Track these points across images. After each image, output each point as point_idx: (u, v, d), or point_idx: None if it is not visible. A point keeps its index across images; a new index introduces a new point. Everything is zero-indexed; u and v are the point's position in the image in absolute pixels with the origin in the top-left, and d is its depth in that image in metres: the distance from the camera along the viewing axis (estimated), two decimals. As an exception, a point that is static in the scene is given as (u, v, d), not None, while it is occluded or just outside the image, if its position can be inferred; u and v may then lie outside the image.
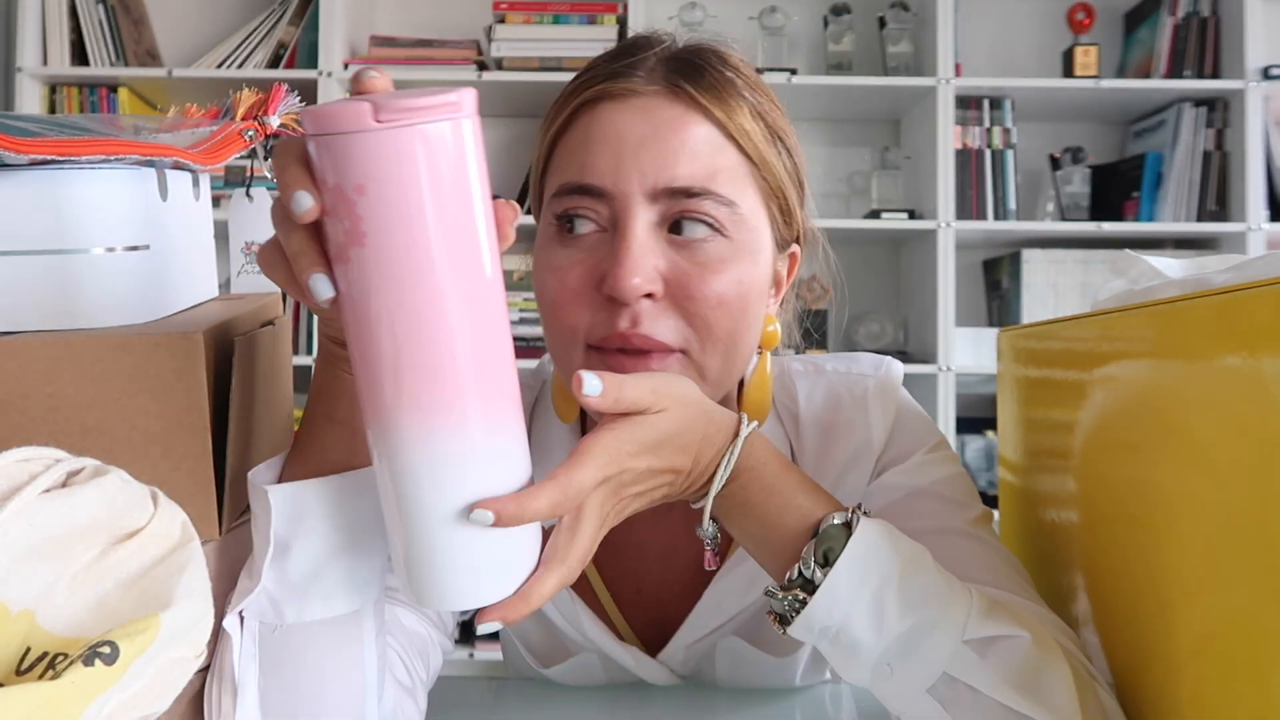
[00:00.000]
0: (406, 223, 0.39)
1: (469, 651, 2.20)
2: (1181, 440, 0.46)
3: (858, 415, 0.69)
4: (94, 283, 0.50)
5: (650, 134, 0.58)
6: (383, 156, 0.38)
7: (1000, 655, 0.49)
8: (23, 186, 0.48)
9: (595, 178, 0.58)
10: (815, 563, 0.50)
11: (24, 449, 0.38)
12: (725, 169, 0.59)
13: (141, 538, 0.40)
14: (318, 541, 0.50)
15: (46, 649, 0.35)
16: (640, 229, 0.57)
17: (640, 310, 0.57)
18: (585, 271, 0.58)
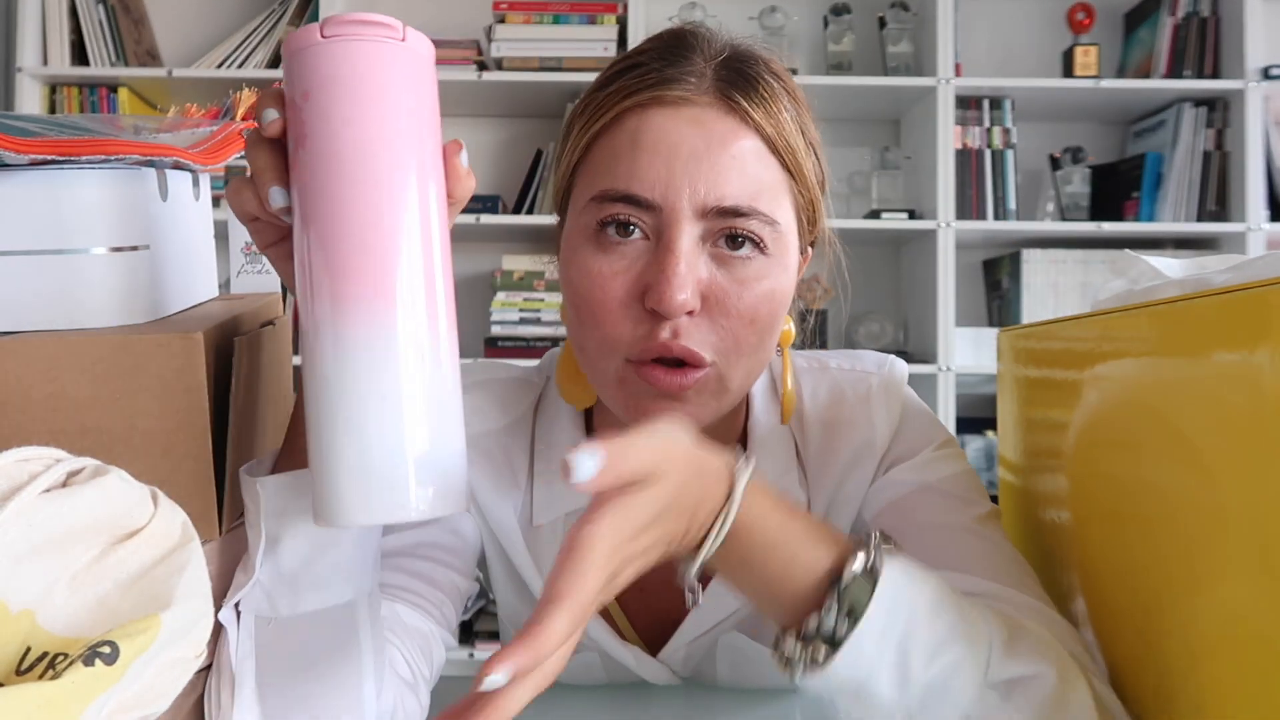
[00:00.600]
0: (339, 125, 0.43)
1: (469, 651, 2.19)
2: (1182, 440, 0.46)
3: (861, 413, 0.69)
4: (94, 283, 0.50)
5: (703, 148, 0.57)
6: (319, 64, 0.43)
7: (1024, 697, 0.48)
8: (23, 186, 0.48)
9: (645, 189, 0.57)
10: (840, 615, 0.46)
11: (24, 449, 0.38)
12: (769, 185, 0.59)
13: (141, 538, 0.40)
14: (307, 533, 0.50)
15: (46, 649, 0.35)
16: (687, 244, 0.57)
17: (680, 324, 0.57)
18: (628, 282, 0.58)
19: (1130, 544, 0.53)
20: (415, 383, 0.43)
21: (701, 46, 0.62)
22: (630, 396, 0.60)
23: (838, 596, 0.46)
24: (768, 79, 0.61)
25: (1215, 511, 0.43)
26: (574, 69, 2.18)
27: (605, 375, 0.60)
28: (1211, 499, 0.44)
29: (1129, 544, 0.53)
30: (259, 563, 0.50)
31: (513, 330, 2.21)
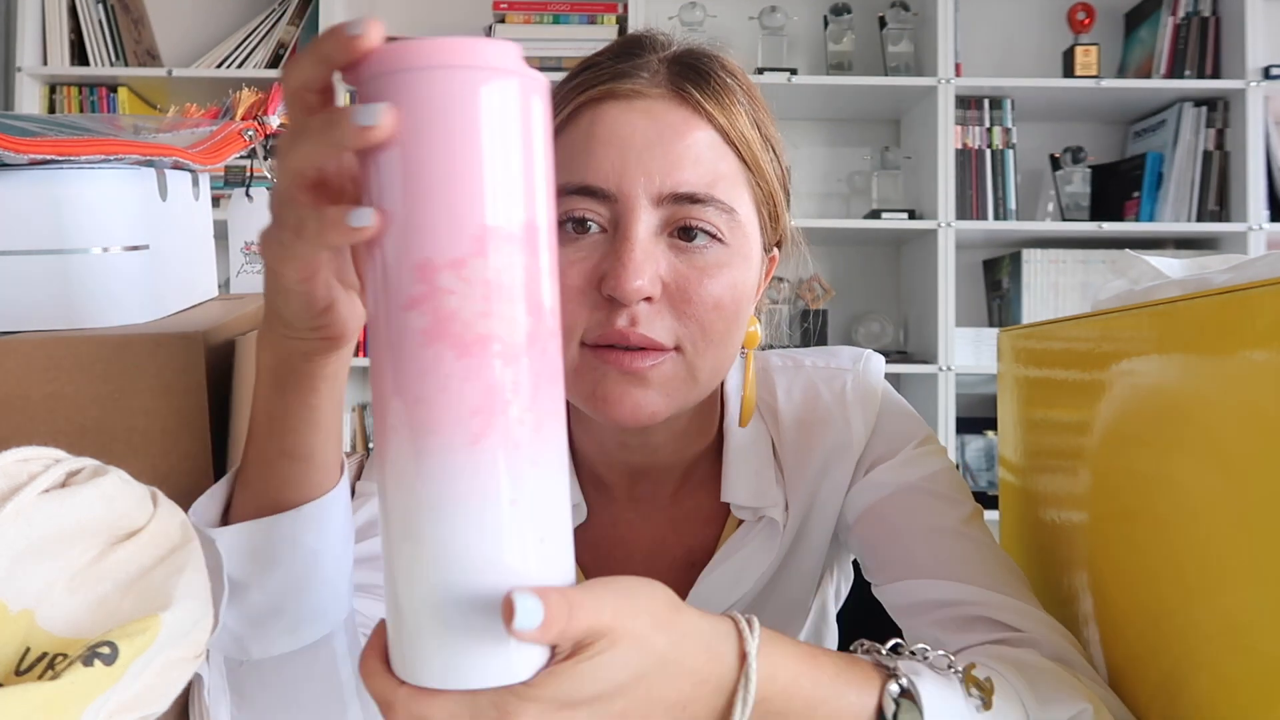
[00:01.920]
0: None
1: (469, 651, 2.19)
2: (1183, 440, 0.46)
3: (836, 411, 0.69)
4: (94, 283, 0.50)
5: (656, 137, 0.58)
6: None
7: None
8: (23, 186, 0.48)
9: (600, 179, 0.57)
10: None
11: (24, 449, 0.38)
12: (726, 175, 0.59)
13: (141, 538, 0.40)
14: (279, 577, 0.47)
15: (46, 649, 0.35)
16: (643, 232, 0.57)
17: (638, 311, 0.57)
18: (586, 271, 0.58)
19: (1133, 542, 0.52)
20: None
21: (655, 45, 0.63)
22: (591, 383, 0.59)
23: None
24: (721, 74, 0.61)
25: (1217, 510, 0.43)
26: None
27: (566, 362, 0.58)
28: (1214, 498, 0.44)
29: (1131, 543, 0.53)
30: (223, 610, 0.45)
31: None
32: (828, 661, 0.46)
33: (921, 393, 2.22)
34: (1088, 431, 0.57)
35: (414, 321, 0.34)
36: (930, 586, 0.60)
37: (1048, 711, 0.48)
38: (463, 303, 0.34)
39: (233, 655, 0.48)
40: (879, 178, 2.33)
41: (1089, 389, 0.57)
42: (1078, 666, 0.53)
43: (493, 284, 0.34)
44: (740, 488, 0.68)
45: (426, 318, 0.34)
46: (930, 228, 2.17)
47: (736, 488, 0.68)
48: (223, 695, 0.49)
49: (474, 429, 0.34)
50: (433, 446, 0.34)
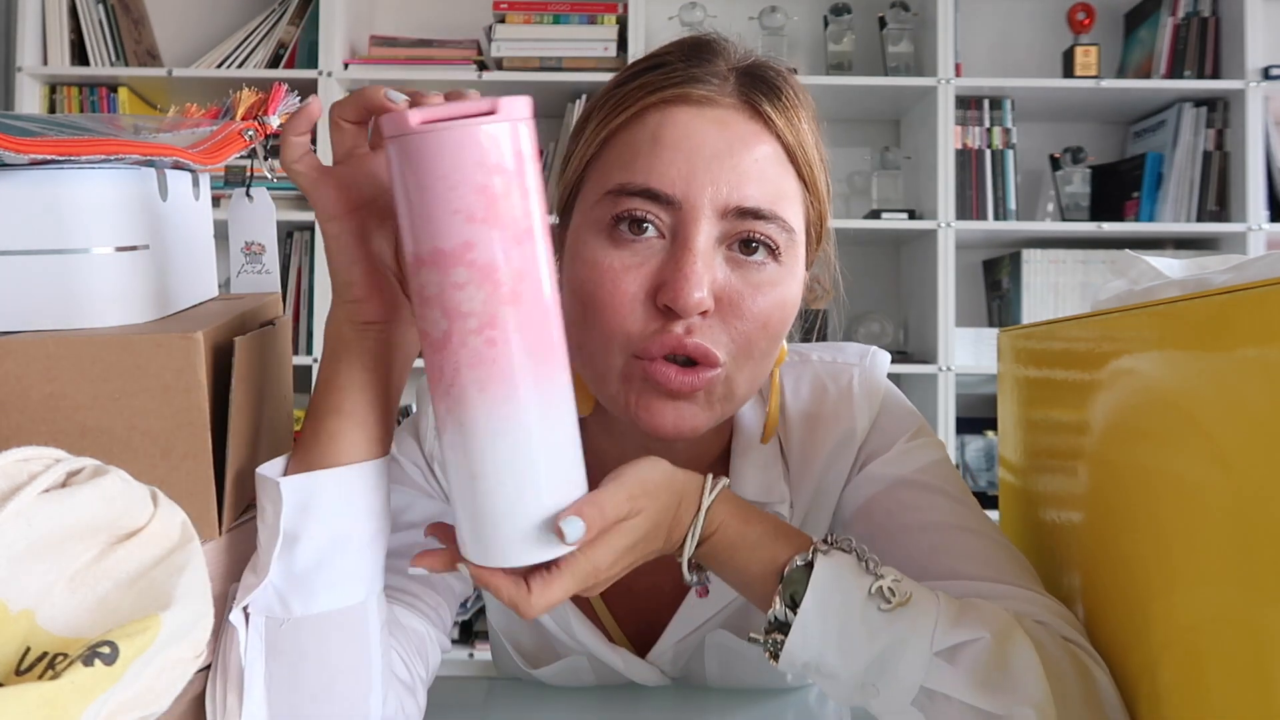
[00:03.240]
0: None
1: (468, 652, 2.20)
2: (1183, 440, 0.46)
3: (843, 407, 0.69)
4: (94, 283, 0.50)
5: (725, 148, 0.57)
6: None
7: (967, 660, 0.51)
8: (23, 186, 0.48)
9: (666, 184, 0.57)
10: (784, 605, 0.53)
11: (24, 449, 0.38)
12: (787, 193, 0.60)
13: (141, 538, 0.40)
14: (325, 532, 0.51)
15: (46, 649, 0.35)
16: (704, 243, 0.57)
17: (693, 323, 0.57)
18: (641, 278, 0.57)
19: (1133, 543, 0.53)
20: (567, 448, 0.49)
21: (725, 52, 0.62)
22: (635, 394, 0.59)
23: (780, 587, 0.53)
24: (790, 89, 0.61)
25: (1218, 510, 0.43)
26: (574, 69, 2.18)
27: (608, 372, 0.60)
28: (1215, 498, 0.44)
29: (1132, 543, 0.53)
30: (272, 562, 0.50)
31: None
32: (762, 522, 0.56)
33: (921, 393, 2.22)
34: (1087, 431, 0.57)
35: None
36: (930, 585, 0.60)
37: (954, 630, 0.51)
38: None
39: (275, 614, 0.52)
40: (879, 178, 2.33)
41: (1089, 389, 0.57)
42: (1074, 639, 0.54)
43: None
44: (749, 483, 0.68)
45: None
46: (930, 228, 2.17)
47: (745, 483, 0.68)
48: (259, 658, 0.52)
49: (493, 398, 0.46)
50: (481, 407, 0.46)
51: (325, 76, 2.17)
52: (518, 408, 0.45)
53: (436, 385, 0.46)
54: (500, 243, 0.44)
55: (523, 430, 0.46)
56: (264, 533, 0.51)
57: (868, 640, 0.51)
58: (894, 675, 0.51)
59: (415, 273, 0.46)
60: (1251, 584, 0.41)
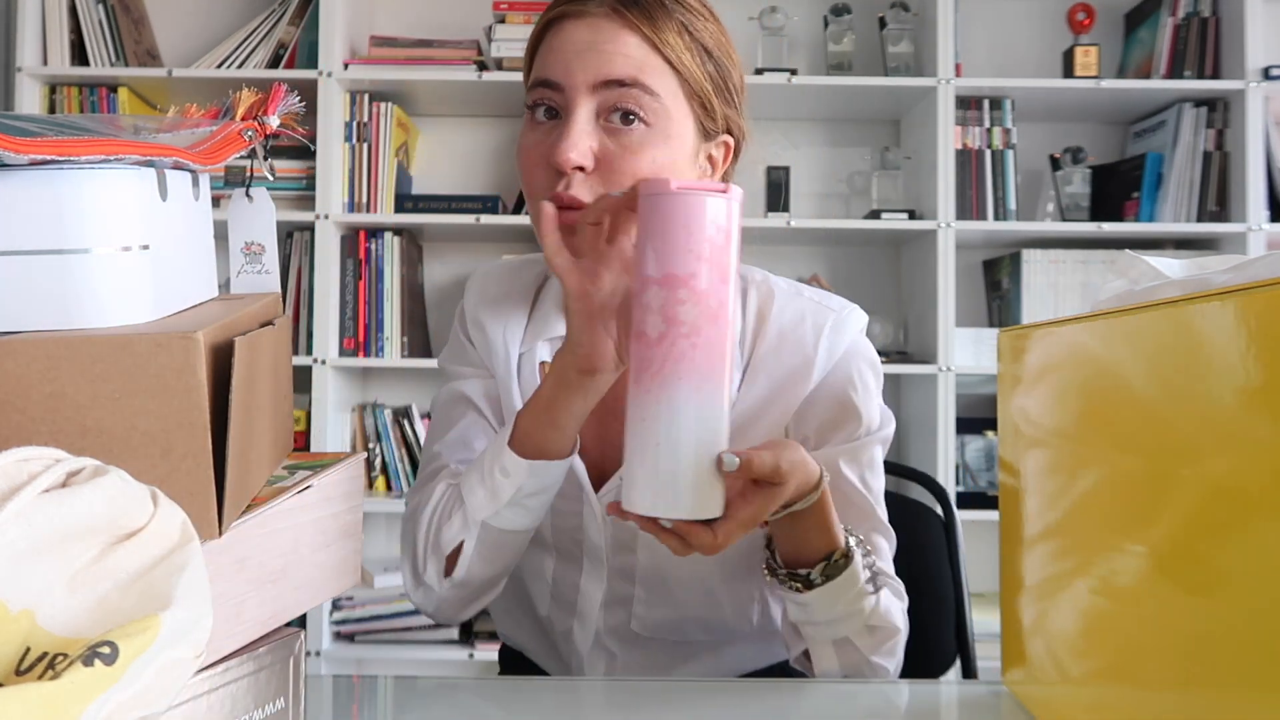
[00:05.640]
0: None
1: (468, 652, 2.20)
2: (1183, 440, 0.46)
3: (811, 337, 0.86)
4: (94, 283, 0.50)
5: (594, 40, 0.76)
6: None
7: (878, 637, 0.80)
8: (23, 186, 0.48)
9: (552, 74, 0.77)
10: (820, 575, 0.77)
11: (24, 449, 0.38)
12: (651, 69, 0.76)
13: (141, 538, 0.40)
14: (538, 488, 0.78)
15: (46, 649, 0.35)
16: (581, 115, 0.76)
17: (573, 178, 0.75)
18: (544, 149, 0.77)
19: (1133, 542, 0.53)
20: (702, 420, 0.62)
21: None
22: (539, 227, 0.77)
23: (824, 567, 0.77)
24: (657, 3, 0.78)
25: (1219, 510, 0.43)
26: (574, 69, 2.18)
27: (535, 213, 0.77)
28: (1215, 498, 0.44)
29: (1131, 542, 0.53)
30: (505, 500, 0.78)
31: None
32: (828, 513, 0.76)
33: (921, 393, 2.22)
34: (1087, 432, 0.57)
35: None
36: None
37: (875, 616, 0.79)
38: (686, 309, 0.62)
39: (491, 524, 0.80)
40: (879, 178, 2.33)
41: (1089, 389, 0.57)
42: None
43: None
44: None
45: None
46: (930, 228, 2.18)
47: None
48: (472, 546, 0.81)
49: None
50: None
51: (325, 77, 2.17)
52: (707, 392, 0.62)
53: (644, 373, 0.62)
54: (710, 278, 0.61)
55: (710, 407, 0.62)
56: (502, 481, 0.78)
57: (846, 607, 0.77)
58: (840, 628, 0.78)
59: (644, 289, 0.62)
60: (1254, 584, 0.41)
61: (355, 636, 2.24)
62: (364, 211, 2.22)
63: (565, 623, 0.92)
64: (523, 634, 0.99)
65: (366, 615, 2.22)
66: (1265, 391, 0.39)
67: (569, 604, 0.91)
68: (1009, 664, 0.73)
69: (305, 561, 0.58)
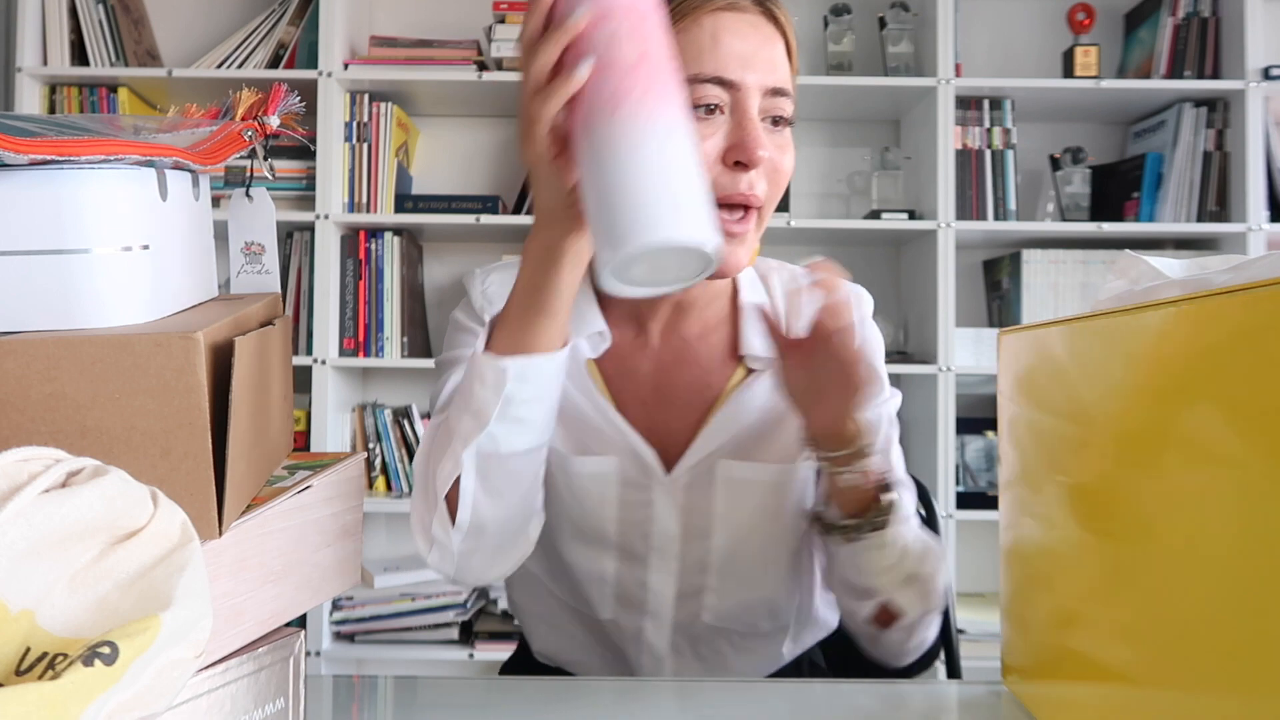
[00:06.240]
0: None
1: (468, 652, 2.19)
2: (1183, 440, 0.46)
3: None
4: (94, 283, 0.50)
5: (762, 43, 0.79)
6: None
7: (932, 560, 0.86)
8: (23, 187, 0.48)
9: (730, 72, 0.77)
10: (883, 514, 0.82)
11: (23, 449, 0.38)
12: (789, 77, 0.81)
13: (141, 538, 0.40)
14: (533, 393, 0.72)
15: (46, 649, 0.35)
16: (755, 114, 0.78)
17: (754, 177, 0.78)
18: (717, 144, 0.77)
19: (1133, 542, 0.52)
20: (691, 141, 0.60)
21: None
22: None
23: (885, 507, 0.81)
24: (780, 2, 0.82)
25: (1219, 510, 0.43)
26: (574, 69, 2.18)
27: None
28: (1215, 498, 0.44)
29: (1131, 542, 0.53)
30: (494, 418, 0.71)
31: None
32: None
33: (921, 393, 2.22)
34: (1087, 432, 0.57)
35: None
36: None
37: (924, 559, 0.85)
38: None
39: (486, 449, 0.74)
40: (879, 178, 2.33)
41: (1089, 389, 0.57)
42: None
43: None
44: (755, 341, 0.89)
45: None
46: (930, 228, 2.17)
47: (752, 341, 0.89)
48: (471, 479, 0.75)
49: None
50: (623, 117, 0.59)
51: (325, 77, 2.17)
52: (686, 111, 0.61)
53: (626, 101, 0.59)
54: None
55: (689, 126, 0.60)
56: (483, 393, 0.71)
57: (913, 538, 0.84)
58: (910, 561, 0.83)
59: (609, 18, 0.60)
60: (1253, 586, 0.41)
61: (355, 636, 2.24)
62: (364, 211, 2.22)
63: (635, 623, 0.91)
64: (575, 647, 0.96)
65: (366, 615, 2.22)
66: (1265, 391, 0.39)
67: (637, 603, 0.90)
68: (1009, 664, 0.73)
69: (305, 561, 0.58)
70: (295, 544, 0.57)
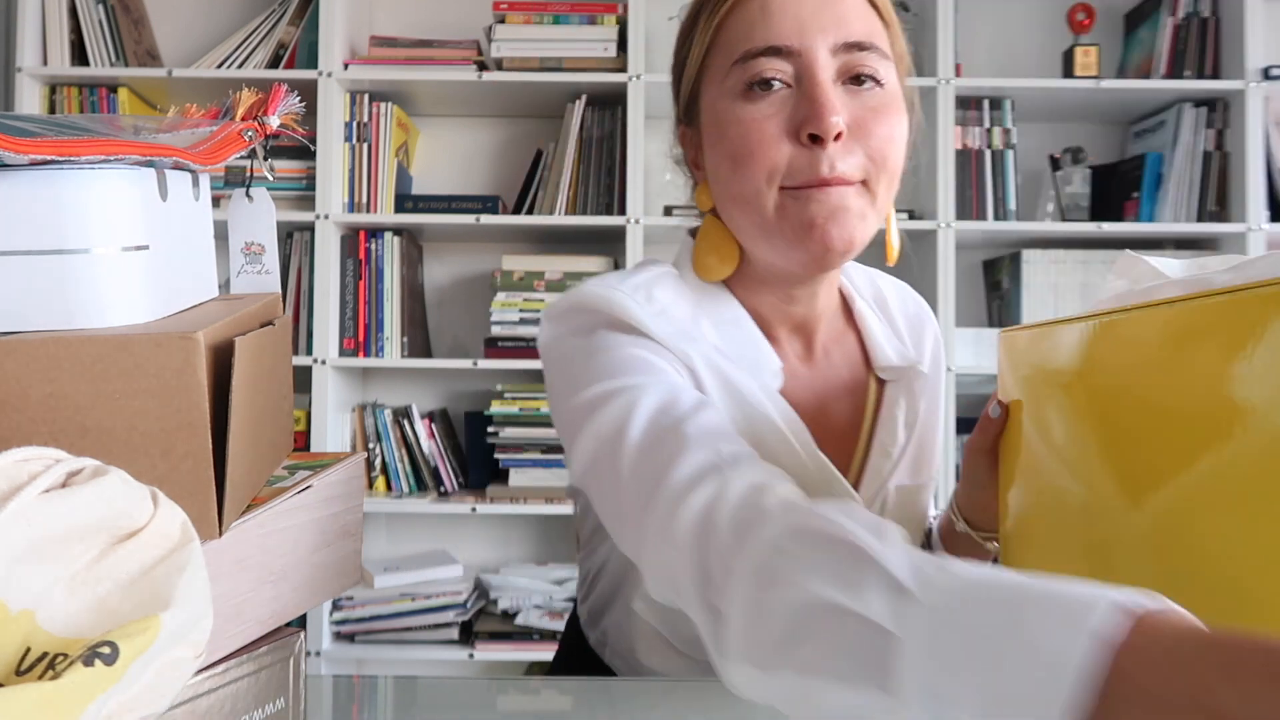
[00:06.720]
0: None
1: (469, 652, 2.19)
2: (1183, 440, 0.46)
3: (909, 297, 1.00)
4: (94, 283, 0.50)
5: (822, 1, 0.69)
6: None
7: None
8: (22, 186, 0.48)
9: (785, 39, 0.68)
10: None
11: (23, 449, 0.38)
12: (876, 30, 0.71)
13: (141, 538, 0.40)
14: None
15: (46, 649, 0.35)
16: (826, 79, 0.68)
17: (834, 153, 0.68)
18: (781, 122, 0.69)
19: (1132, 542, 0.53)
20: None
21: None
22: (798, 219, 0.69)
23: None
24: None
25: (1220, 509, 0.43)
26: (574, 69, 2.18)
27: (764, 212, 0.70)
28: (1214, 497, 0.44)
29: (1133, 543, 0.53)
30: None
31: (513, 330, 2.21)
32: None
33: (921, 393, 2.22)
34: (1087, 432, 0.57)
35: None
36: None
37: None
38: None
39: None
40: (879, 178, 2.33)
41: (1089, 389, 0.57)
42: None
43: None
44: (889, 351, 0.86)
45: None
46: (930, 228, 2.17)
47: (886, 352, 0.85)
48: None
49: None
50: None
51: (325, 77, 2.17)
52: None
53: None
54: None
55: None
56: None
57: None
58: None
59: None
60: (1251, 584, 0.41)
61: (355, 636, 2.24)
62: (364, 211, 2.22)
63: None
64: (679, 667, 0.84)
65: (366, 615, 2.22)
66: (1265, 391, 0.39)
67: None
68: (1009, 664, 0.73)
69: (305, 561, 0.58)
70: (295, 544, 0.57)
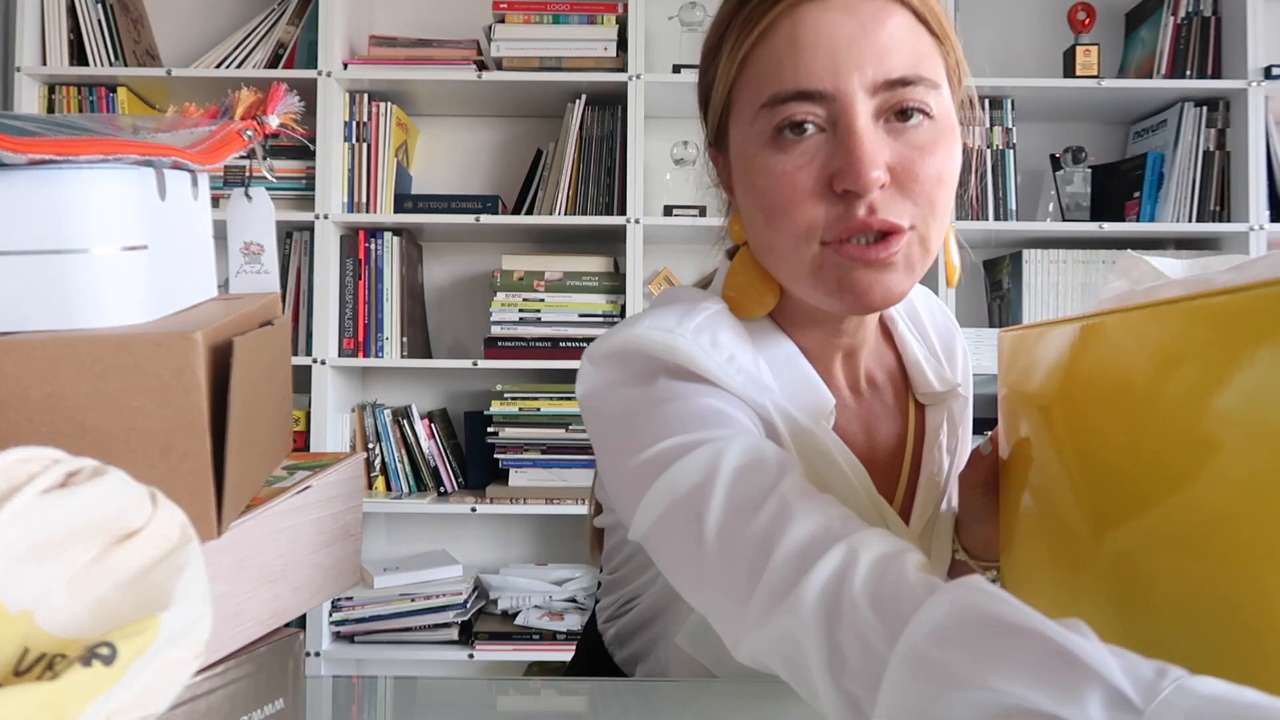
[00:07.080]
0: None
1: (469, 652, 2.19)
2: (1183, 440, 0.46)
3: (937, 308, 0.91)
4: (93, 283, 0.50)
5: (859, 31, 0.61)
6: None
7: None
8: (21, 186, 0.48)
9: (815, 81, 0.61)
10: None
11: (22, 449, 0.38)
12: (925, 53, 0.63)
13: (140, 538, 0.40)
14: None
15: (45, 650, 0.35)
16: (864, 123, 0.61)
17: (875, 199, 0.61)
18: (814, 172, 0.62)
19: (1133, 542, 0.52)
20: None
21: None
22: (833, 278, 0.65)
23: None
24: None
25: (1220, 509, 0.43)
26: (574, 69, 2.18)
27: (800, 265, 0.65)
28: (1214, 497, 0.44)
29: (1132, 542, 0.53)
30: None
31: (512, 330, 2.21)
32: None
33: (922, 393, 2.22)
34: (1088, 432, 0.57)
35: None
36: None
37: None
38: None
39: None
40: (879, 178, 2.33)
41: (1090, 389, 0.57)
42: None
43: None
44: (928, 376, 0.81)
45: None
46: (930, 228, 2.17)
47: (926, 378, 0.81)
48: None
49: None
50: None
51: (325, 76, 2.17)
52: None
53: None
54: None
55: None
56: None
57: None
58: None
59: None
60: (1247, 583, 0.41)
61: (355, 636, 2.24)
62: (363, 211, 2.22)
63: None
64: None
65: (366, 615, 2.22)
66: (1266, 391, 0.39)
67: None
68: (1010, 664, 0.73)
69: (305, 561, 0.58)
70: (295, 544, 0.57)
